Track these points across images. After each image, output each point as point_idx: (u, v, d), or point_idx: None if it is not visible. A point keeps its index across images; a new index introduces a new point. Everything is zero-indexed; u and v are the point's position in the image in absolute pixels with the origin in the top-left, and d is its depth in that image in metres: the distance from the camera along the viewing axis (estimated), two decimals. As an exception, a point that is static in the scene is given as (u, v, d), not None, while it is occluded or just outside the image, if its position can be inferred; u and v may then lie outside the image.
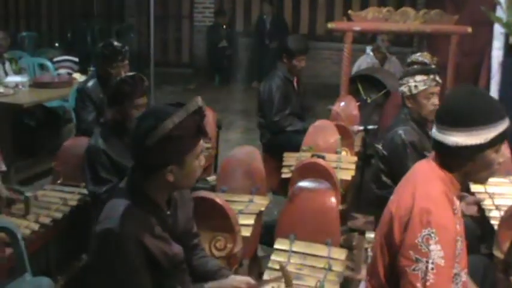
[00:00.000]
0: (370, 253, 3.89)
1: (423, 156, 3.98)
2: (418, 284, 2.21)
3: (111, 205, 2.37)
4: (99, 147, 3.52)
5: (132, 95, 3.51)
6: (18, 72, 7.14)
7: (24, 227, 3.34)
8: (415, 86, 3.90)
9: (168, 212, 2.47)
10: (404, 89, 3.96)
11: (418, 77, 3.91)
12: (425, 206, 2.28)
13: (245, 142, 7.24)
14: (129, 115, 3.50)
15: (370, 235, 4.04)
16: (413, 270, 2.23)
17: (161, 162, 2.28)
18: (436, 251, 2.21)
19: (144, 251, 2.28)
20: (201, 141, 2.37)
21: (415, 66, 4.19)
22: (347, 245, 4.07)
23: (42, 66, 8.52)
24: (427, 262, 2.20)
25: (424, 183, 2.39)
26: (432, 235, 2.22)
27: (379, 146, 4.13)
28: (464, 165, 2.33)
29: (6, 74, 6.93)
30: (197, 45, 13.61)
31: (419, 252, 2.23)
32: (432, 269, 2.20)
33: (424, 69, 3.99)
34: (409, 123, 4.00)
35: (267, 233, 3.98)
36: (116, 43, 4.91)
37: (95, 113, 4.89)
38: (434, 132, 2.40)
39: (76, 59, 8.92)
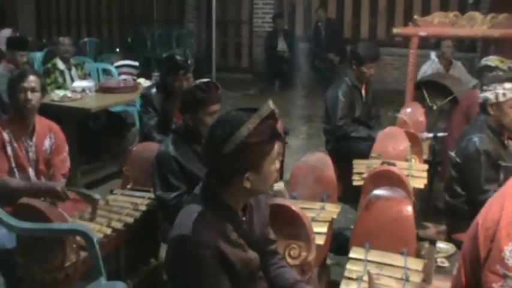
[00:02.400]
0: (441, 264, 3.83)
1: (497, 166, 3.91)
2: None
3: (185, 211, 2.37)
4: (169, 153, 3.49)
5: (206, 101, 3.47)
6: (83, 77, 7.27)
7: (97, 231, 3.36)
8: (503, 94, 3.82)
9: (244, 218, 2.45)
10: (490, 95, 3.87)
11: (508, 85, 3.82)
12: None
13: (307, 148, 7.22)
14: (203, 122, 3.45)
15: (441, 245, 3.96)
16: (501, 286, 2.13)
17: (238, 169, 2.27)
18: None
19: (220, 257, 2.27)
20: (276, 145, 2.34)
21: (495, 73, 4.10)
22: (416, 254, 4.00)
23: (104, 71, 8.66)
24: None
25: None
26: None
27: (453, 154, 4.05)
28: None
29: (73, 80, 7.06)
30: (257, 50, 13.61)
31: (507, 266, 2.12)
32: None
33: None
34: (485, 131, 3.90)
35: (333, 240, 3.95)
36: (178, 57, 4.78)
37: (156, 119, 4.92)
38: None
39: (136, 63, 9.02)
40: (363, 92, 5.71)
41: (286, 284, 2.61)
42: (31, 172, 4.09)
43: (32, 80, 4.02)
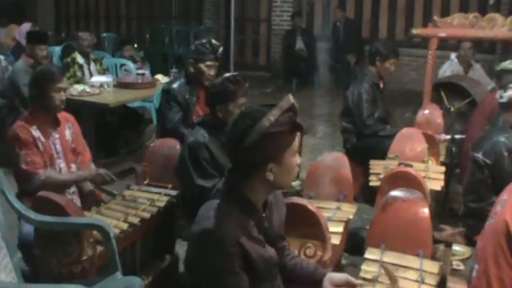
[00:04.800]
0: (456, 266, 3.79)
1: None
2: None
3: (207, 206, 2.40)
4: (201, 141, 3.59)
5: (236, 93, 3.60)
6: (102, 72, 7.30)
7: (114, 226, 3.37)
8: None
9: (264, 214, 2.48)
10: None
11: None
12: None
13: (324, 147, 7.21)
14: (232, 114, 3.52)
15: (456, 248, 3.92)
16: None
17: (261, 160, 2.31)
18: None
19: (241, 252, 2.29)
20: (297, 138, 2.38)
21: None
22: (432, 257, 3.97)
23: (122, 67, 8.69)
24: None
25: None
26: None
27: (479, 155, 3.97)
28: None
29: (92, 74, 7.09)
30: (274, 48, 13.61)
31: None
32: None
33: None
34: (508, 131, 3.87)
35: (348, 240, 3.94)
36: (214, 40, 4.90)
37: (181, 113, 4.93)
38: None
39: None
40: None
41: (307, 270, 2.68)
42: (60, 164, 4.10)
43: (64, 80, 4.10)
